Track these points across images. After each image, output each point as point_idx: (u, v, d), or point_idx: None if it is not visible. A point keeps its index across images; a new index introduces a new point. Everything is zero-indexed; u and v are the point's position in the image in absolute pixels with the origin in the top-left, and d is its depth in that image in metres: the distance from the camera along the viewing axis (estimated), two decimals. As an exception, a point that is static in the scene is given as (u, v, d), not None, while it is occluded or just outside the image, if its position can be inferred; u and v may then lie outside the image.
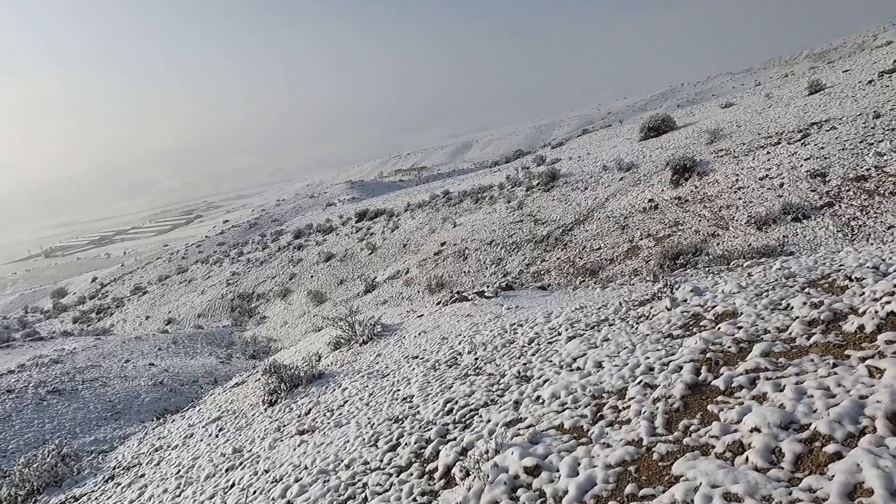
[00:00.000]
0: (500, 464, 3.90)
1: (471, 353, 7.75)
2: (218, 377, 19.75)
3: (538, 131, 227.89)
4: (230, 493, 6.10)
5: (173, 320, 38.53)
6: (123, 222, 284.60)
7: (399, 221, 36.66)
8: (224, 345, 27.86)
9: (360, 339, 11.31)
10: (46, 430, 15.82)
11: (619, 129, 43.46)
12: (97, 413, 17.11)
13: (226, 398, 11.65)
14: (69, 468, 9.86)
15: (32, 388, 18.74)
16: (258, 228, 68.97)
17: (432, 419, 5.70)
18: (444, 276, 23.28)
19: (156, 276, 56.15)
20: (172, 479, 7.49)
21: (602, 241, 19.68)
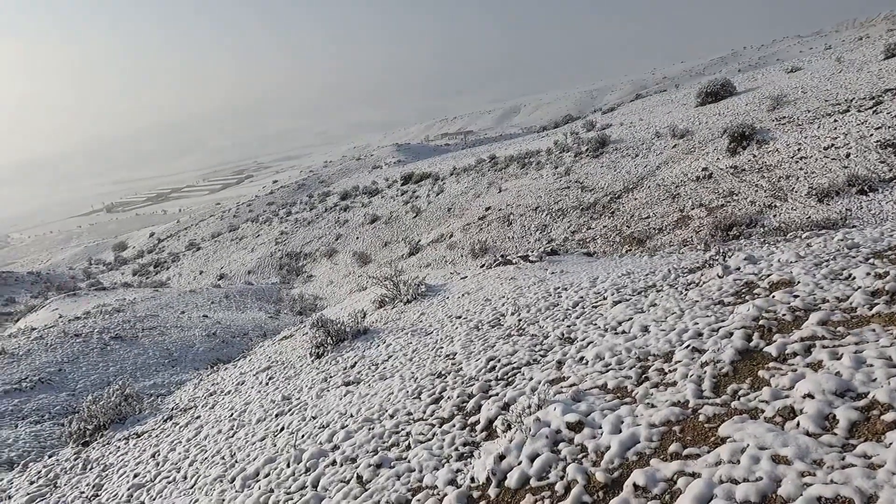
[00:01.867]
0: (542, 418, 3.95)
1: (514, 315, 7.78)
2: (267, 331, 20.50)
3: (589, 96, 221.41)
4: (280, 436, 6.40)
5: (225, 276, 39.96)
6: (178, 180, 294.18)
7: (444, 185, 36.61)
8: (272, 301, 28.79)
9: (405, 299, 11.49)
10: (110, 373, 16.85)
11: (674, 94, 41.77)
12: (156, 359, 18.08)
13: (275, 350, 12.10)
14: (132, 407, 10.50)
15: (97, 333, 19.91)
16: (306, 189, 70.13)
17: (475, 375, 5.79)
18: (488, 240, 23.26)
19: (209, 233, 58.09)
20: (226, 421, 7.90)
21: (651, 209, 19.21)
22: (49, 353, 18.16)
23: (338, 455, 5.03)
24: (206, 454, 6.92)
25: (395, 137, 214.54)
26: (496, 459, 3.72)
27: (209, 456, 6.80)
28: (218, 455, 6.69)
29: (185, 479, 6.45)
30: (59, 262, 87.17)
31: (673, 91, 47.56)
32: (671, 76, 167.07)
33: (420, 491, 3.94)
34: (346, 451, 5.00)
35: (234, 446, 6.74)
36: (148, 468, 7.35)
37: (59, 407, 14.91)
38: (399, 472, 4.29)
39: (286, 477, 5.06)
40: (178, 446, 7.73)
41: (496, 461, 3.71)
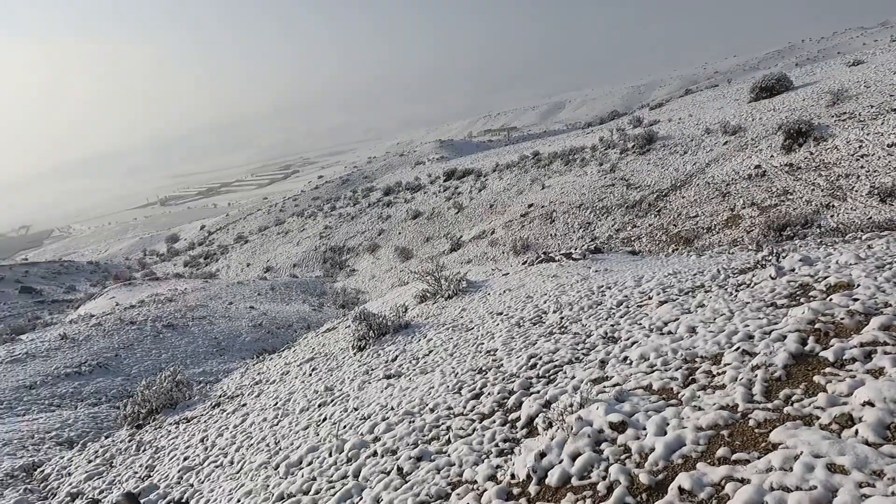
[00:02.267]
0: (584, 417, 3.90)
1: (556, 313, 7.70)
2: (311, 323, 20.93)
3: (636, 92, 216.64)
4: (322, 425, 6.53)
5: (271, 268, 40.95)
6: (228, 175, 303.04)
7: (486, 182, 36.51)
8: (316, 294, 29.35)
9: (446, 294, 11.53)
10: (162, 360, 17.52)
11: (726, 89, 40.43)
12: (205, 348, 18.70)
13: (318, 342, 12.34)
14: (182, 393, 10.90)
15: (151, 321, 20.72)
16: (350, 185, 71.13)
17: (515, 372, 5.76)
18: (530, 237, 23.09)
19: (256, 226, 59.63)
20: (271, 410, 8.11)
21: (700, 208, 18.68)
22: (106, 339, 19.03)
23: (379, 447, 5.09)
24: (251, 441, 7.13)
25: (438, 134, 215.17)
26: (537, 457, 3.69)
27: (255, 443, 7.00)
28: (263, 442, 6.87)
29: (232, 464, 6.65)
30: (116, 252, 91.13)
31: (725, 86, 46.04)
32: (723, 71, 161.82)
33: (460, 485, 3.96)
34: (387, 443, 5.06)
35: (279, 434, 6.91)
36: (197, 452, 7.62)
37: (114, 390, 15.61)
38: (439, 465, 4.31)
39: (328, 466, 5.16)
40: (225, 432, 7.99)
41: (537, 458, 3.68)
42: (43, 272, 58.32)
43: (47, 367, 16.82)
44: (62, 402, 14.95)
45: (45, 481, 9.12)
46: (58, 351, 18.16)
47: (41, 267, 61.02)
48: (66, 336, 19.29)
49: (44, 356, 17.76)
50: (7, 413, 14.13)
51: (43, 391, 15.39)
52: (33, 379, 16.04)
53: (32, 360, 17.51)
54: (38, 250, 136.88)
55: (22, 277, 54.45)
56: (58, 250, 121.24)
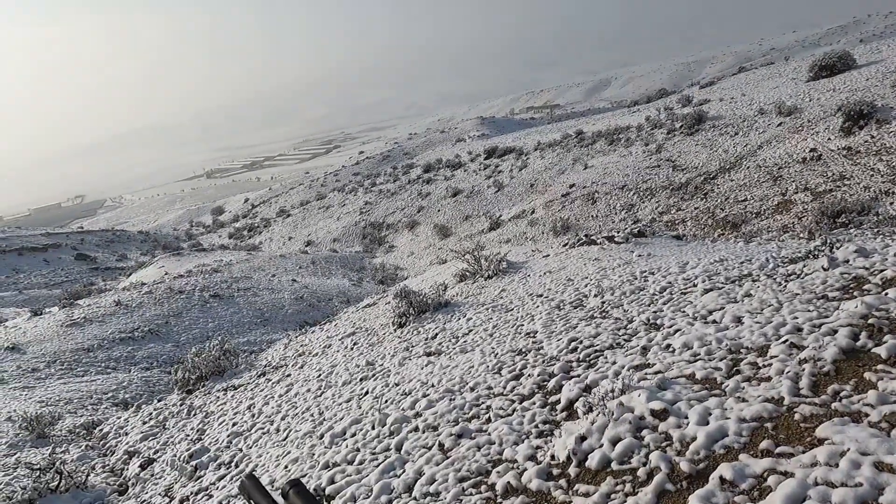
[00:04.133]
0: (625, 403, 3.94)
1: (597, 297, 7.69)
2: (350, 297, 21.35)
3: (686, 69, 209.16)
4: (364, 399, 6.74)
5: (312, 242, 41.74)
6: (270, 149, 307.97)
7: (528, 160, 36.15)
8: (356, 269, 29.83)
9: (486, 274, 11.59)
10: (209, 328, 18.21)
11: (782, 67, 38.68)
12: (249, 318, 19.33)
13: (359, 316, 12.61)
14: (229, 362, 11.36)
15: (198, 291, 21.48)
16: (390, 161, 71.43)
17: (556, 355, 5.81)
18: (571, 218, 22.86)
19: (298, 200, 60.65)
20: (314, 381, 8.39)
21: (749, 192, 18.11)
22: (157, 307, 19.87)
23: (420, 422, 5.25)
24: (296, 410, 7.42)
25: (479, 110, 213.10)
26: (577, 440, 3.76)
27: (299, 412, 7.28)
28: (307, 412, 7.15)
29: (278, 431, 6.95)
30: (165, 223, 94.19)
31: (781, 64, 44.01)
32: (780, 47, 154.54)
33: (500, 463, 4.06)
34: (428, 419, 5.21)
35: (322, 405, 7.17)
36: (244, 419, 7.97)
37: (165, 356, 16.36)
38: (479, 443, 4.43)
39: (371, 438, 5.35)
40: (270, 401, 8.32)
41: (577, 442, 3.75)
42: (97, 240, 60.92)
43: (103, 332, 17.71)
44: (117, 366, 15.77)
45: (103, 439, 9.70)
46: (112, 316, 19.07)
47: (95, 235, 63.73)
48: (119, 302, 20.22)
49: (100, 321, 18.69)
50: (67, 374, 15.00)
51: (100, 354, 16.25)
52: (91, 342, 16.93)
53: (90, 324, 18.45)
54: (93, 219, 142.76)
55: (78, 245, 57.00)
56: (111, 219, 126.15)
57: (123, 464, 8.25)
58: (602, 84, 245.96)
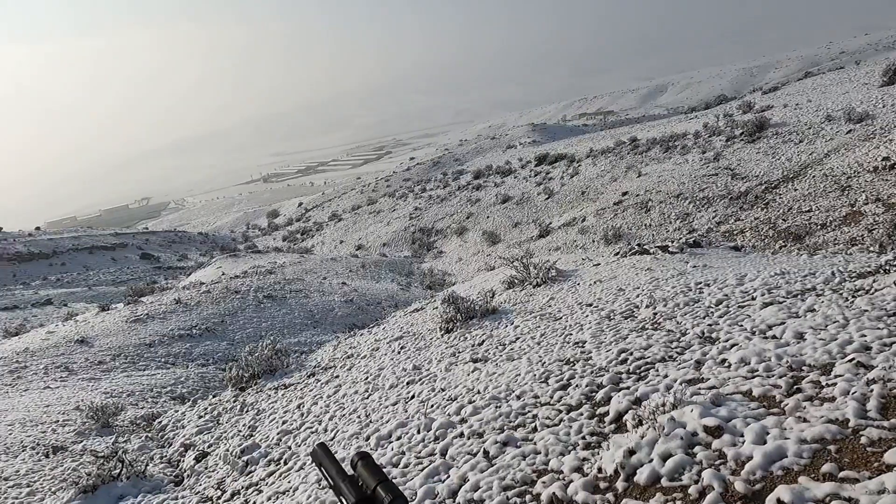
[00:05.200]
0: (677, 418, 3.82)
1: (649, 308, 7.50)
2: (398, 301, 21.54)
3: (747, 74, 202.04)
4: (410, 402, 6.79)
5: (362, 246, 42.41)
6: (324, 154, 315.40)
7: (579, 167, 35.68)
8: (404, 273, 30.12)
9: (534, 282, 11.49)
10: (262, 328, 18.74)
11: (853, 71, 36.82)
12: (300, 319, 19.78)
13: (406, 321, 12.72)
14: (280, 361, 11.65)
15: (253, 292, 22.16)
16: (440, 167, 71.86)
17: (604, 366, 5.70)
18: (623, 227, 22.39)
19: (349, 205, 61.81)
20: (362, 383, 8.51)
21: (814, 202, 17.29)
22: (214, 306, 20.60)
23: (465, 428, 5.24)
24: (344, 411, 7.54)
25: (531, 117, 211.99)
26: (626, 453, 3.68)
27: (347, 413, 7.40)
28: (354, 414, 7.26)
29: (326, 431, 7.08)
30: (223, 225, 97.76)
31: (852, 68, 41.89)
32: (851, 51, 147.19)
33: (545, 473, 4.01)
34: (474, 426, 5.20)
35: (369, 408, 7.26)
36: (294, 417, 8.17)
37: (220, 354, 16.93)
38: (525, 452, 4.39)
39: (416, 442, 5.38)
40: (319, 401, 8.49)
41: (625, 455, 3.67)
42: (160, 241, 63.81)
43: (164, 328, 18.50)
44: (175, 361, 16.43)
45: (162, 431, 10.12)
46: (173, 314, 19.90)
47: (159, 236, 66.78)
48: (179, 301, 21.07)
49: (161, 318, 19.53)
50: (130, 367, 15.74)
51: (160, 350, 16.98)
52: (152, 338, 17.71)
53: (151, 320, 19.31)
54: (157, 220, 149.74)
55: (143, 245, 59.85)
56: (173, 221, 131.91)
57: (180, 455, 8.58)
58: (658, 90, 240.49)
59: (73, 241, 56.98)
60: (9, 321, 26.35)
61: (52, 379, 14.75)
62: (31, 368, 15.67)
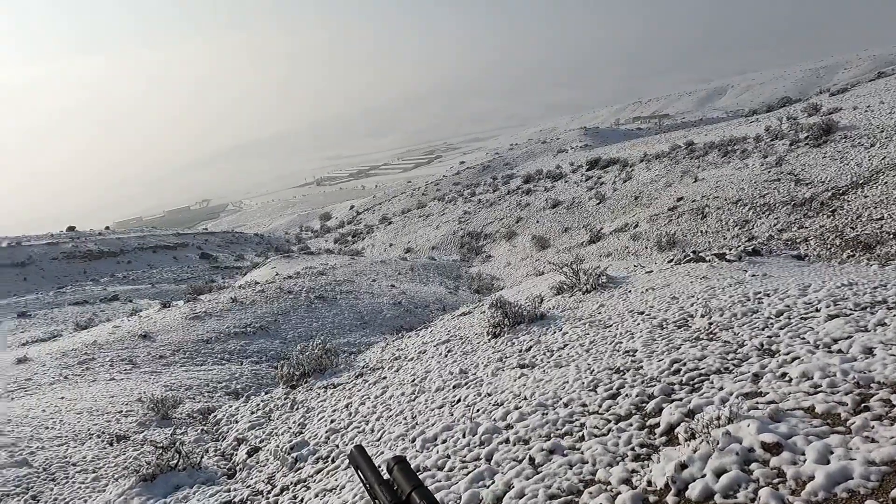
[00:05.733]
0: (732, 433, 3.68)
1: (704, 317, 7.24)
2: (446, 305, 21.62)
3: (814, 75, 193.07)
4: (456, 406, 6.79)
5: (411, 249, 42.78)
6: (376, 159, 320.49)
7: (632, 172, 34.92)
8: (452, 277, 30.19)
9: (584, 288, 11.30)
10: (313, 328, 19.15)
11: (932, 71, 34.62)
12: (350, 320, 20.11)
13: (453, 324, 12.73)
14: (330, 361, 11.87)
15: (304, 292, 22.68)
16: (490, 171, 71.78)
17: (656, 376, 5.54)
18: (678, 233, 21.76)
19: (399, 208, 62.50)
20: (409, 385, 8.57)
21: (887, 209, 16.34)
22: (268, 305, 21.21)
23: (511, 434, 5.20)
24: (390, 412, 7.61)
25: (583, 121, 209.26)
26: (677, 467, 3.56)
27: (393, 415, 7.47)
28: (401, 415, 7.31)
29: (373, 431, 7.17)
30: (278, 226, 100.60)
31: (930, 68, 39.35)
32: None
33: (592, 484, 3.93)
34: (520, 432, 5.15)
35: (415, 409, 7.30)
36: (342, 416, 8.30)
37: (273, 352, 17.40)
38: (571, 461, 4.32)
39: (462, 446, 5.37)
40: (366, 401, 8.60)
41: (677, 469, 3.55)
42: (218, 241, 66.22)
43: (220, 326, 19.18)
44: (231, 358, 17.00)
45: (216, 425, 10.48)
46: (229, 312, 20.61)
47: (217, 237, 69.32)
48: (235, 299, 21.80)
49: (218, 315, 20.26)
50: (189, 362, 16.38)
51: (216, 346, 17.60)
52: (209, 335, 18.39)
53: (209, 318, 20.05)
54: (216, 221, 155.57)
55: (202, 245, 62.25)
56: (231, 222, 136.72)
57: (233, 449, 8.87)
58: (716, 93, 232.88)
59: (139, 241, 59.88)
60: (80, 315, 27.92)
61: (117, 371, 15.52)
62: (99, 360, 16.54)
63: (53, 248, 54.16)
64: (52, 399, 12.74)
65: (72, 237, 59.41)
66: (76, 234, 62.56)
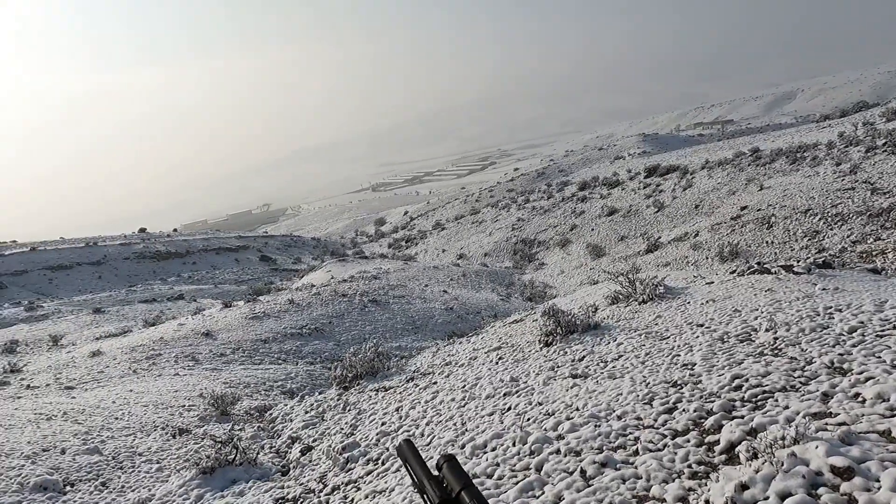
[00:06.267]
0: (799, 454, 3.49)
1: (769, 332, 6.92)
2: (497, 312, 21.51)
3: (893, 78, 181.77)
4: (507, 414, 6.74)
5: (464, 256, 42.84)
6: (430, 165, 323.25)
7: (693, 179, 33.83)
8: (504, 284, 30.02)
9: (640, 298, 11.01)
10: (366, 331, 19.43)
11: None
12: (402, 325, 20.31)
13: (505, 332, 12.66)
14: (381, 364, 12.02)
15: (358, 296, 23.07)
16: (545, 178, 71.13)
17: (716, 391, 5.33)
18: (741, 243, 20.90)
19: (452, 214, 62.77)
20: (459, 391, 8.57)
21: (976, 221, 15.17)
22: (323, 308, 21.70)
23: (562, 445, 5.12)
24: (440, 418, 7.63)
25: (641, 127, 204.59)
26: (737, 488, 3.41)
27: (443, 420, 7.48)
28: (450, 421, 7.32)
29: (423, 435, 7.20)
30: (334, 231, 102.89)
31: None
32: None
33: (646, 500, 3.82)
34: (571, 443, 5.06)
35: (465, 416, 7.29)
36: (392, 419, 8.38)
37: (327, 353, 17.77)
38: (625, 475, 4.20)
39: (511, 455, 5.32)
40: (417, 405, 8.65)
41: (737, 490, 3.40)
42: (277, 244, 68.29)
43: (278, 326, 19.76)
44: (287, 358, 17.47)
45: (272, 423, 10.79)
46: (286, 313, 21.20)
47: (276, 240, 71.52)
48: (292, 301, 22.42)
49: (276, 316, 20.88)
50: (247, 361, 16.94)
51: (273, 346, 18.14)
52: (267, 335, 18.97)
53: (267, 318, 20.69)
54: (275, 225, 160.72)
55: (262, 248, 64.33)
56: (290, 226, 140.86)
57: (287, 447, 9.10)
58: (785, 97, 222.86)
59: (204, 243, 62.51)
60: (148, 312, 29.36)
61: (181, 367, 16.23)
62: (164, 356, 17.34)
63: (126, 248, 57.24)
64: (121, 391, 13.44)
65: (143, 238, 62.64)
66: (146, 235, 65.93)
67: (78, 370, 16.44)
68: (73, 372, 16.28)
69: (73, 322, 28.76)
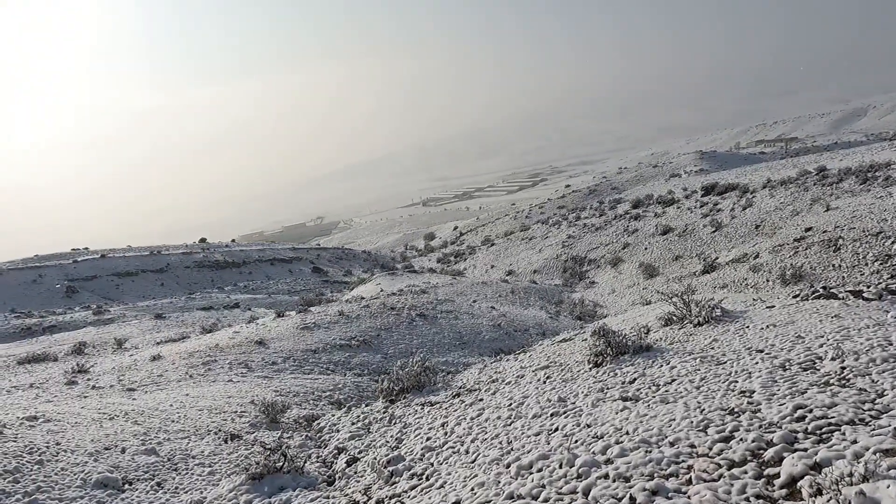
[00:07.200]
0: (868, 493, 3.28)
1: (836, 360, 6.55)
2: (546, 330, 21.23)
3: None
4: (553, 435, 6.61)
5: (512, 272, 42.57)
6: (480, 180, 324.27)
7: (753, 199, 32.62)
8: (554, 302, 29.62)
9: (695, 321, 10.64)
10: (413, 345, 19.53)
11: None
12: (449, 340, 20.31)
13: (553, 350, 12.47)
14: (428, 378, 12.02)
15: (407, 309, 23.23)
16: (597, 195, 70.12)
17: (776, 421, 5.08)
18: (805, 266, 19.96)
19: (502, 230, 62.61)
20: (505, 409, 8.48)
21: None
22: (372, 320, 21.95)
23: (610, 469, 4.98)
24: (485, 435, 7.56)
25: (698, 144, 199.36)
26: (799, 525, 3.22)
27: (488, 438, 7.41)
28: (496, 439, 7.24)
29: (468, 453, 7.15)
30: (384, 244, 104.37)
31: None
32: None
33: (699, 533, 3.66)
34: (620, 468, 4.92)
35: (511, 435, 7.20)
36: (437, 435, 8.36)
37: (374, 365, 17.93)
38: (677, 505, 4.05)
39: (558, 477, 5.21)
40: (462, 422, 8.61)
41: (799, 527, 3.22)
42: (329, 256, 69.79)
43: (327, 337, 20.11)
44: (335, 369, 17.74)
45: (319, 432, 10.94)
46: (336, 325, 21.57)
47: (328, 252, 73.11)
48: (342, 313, 22.79)
49: (326, 327, 21.26)
50: (297, 370, 17.30)
51: (323, 357, 18.46)
52: (317, 345, 19.33)
53: (317, 329, 21.10)
54: (327, 238, 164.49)
55: (314, 259, 65.89)
56: (341, 239, 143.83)
57: (333, 457, 9.20)
58: (854, 114, 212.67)
59: (259, 253, 64.58)
60: (205, 319, 30.46)
61: (234, 374, 16.72)
62: (220, 362, 17.92)
63: (187, 257, 59.73)
64: (178, 395, 13.96)
65: (203, 248, 65.26)
66: (206, 245, 68.68)
67: (139, 373, 17.18)
68: (135, 374, 17.02)
69: (136, 326, 30.17)
